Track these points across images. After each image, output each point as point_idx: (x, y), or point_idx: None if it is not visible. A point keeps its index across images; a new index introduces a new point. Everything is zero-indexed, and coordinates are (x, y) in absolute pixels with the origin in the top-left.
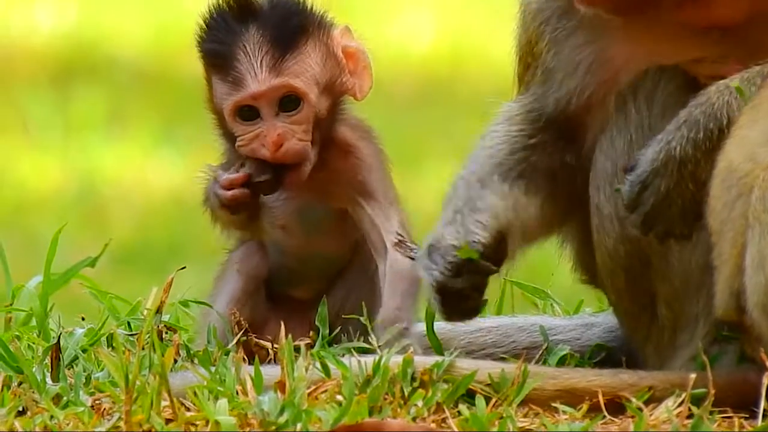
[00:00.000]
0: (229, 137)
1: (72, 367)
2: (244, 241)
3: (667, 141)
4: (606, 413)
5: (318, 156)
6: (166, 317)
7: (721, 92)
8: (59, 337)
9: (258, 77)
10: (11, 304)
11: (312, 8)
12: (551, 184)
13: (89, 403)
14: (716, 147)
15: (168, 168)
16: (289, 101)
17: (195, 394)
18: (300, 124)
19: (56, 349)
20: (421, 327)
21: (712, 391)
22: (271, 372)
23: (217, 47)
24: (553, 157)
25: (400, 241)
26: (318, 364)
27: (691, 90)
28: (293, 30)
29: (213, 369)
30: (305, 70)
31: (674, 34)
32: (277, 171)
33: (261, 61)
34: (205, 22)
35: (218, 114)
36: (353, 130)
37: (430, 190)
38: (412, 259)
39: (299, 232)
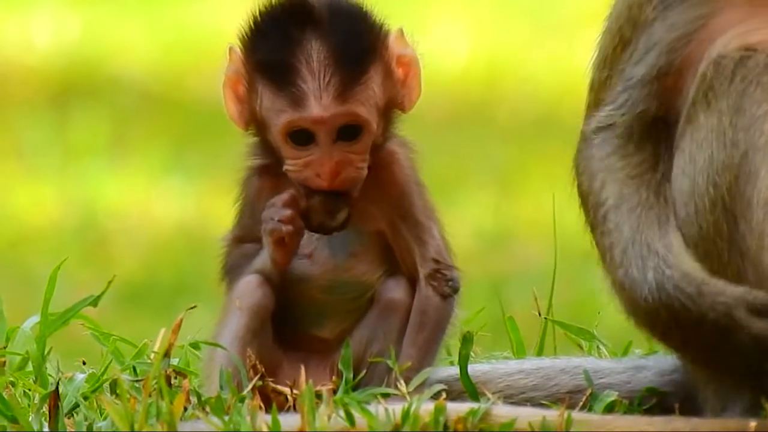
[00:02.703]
0: (267, 144)
1: (72, 415)
2: (243, 275)
3: None
4: None
5: None
6: (174, 361)
7: None
8: (58, 383)
9: (322, 101)
10: (5, 347)
11: (374, 17)
12: None
13: None
14: None
15: (176, 198)
16: (348, 129)
17: None
18: (359, 154)
19: (55, 397)
20: (454, 371)
21: None
22: (290, 420)
23: (275, 57)
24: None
25: (435, 271)
26: (341, 412)
27: None
28: (362, 50)
29: (226, 417)
30: (369, 97)
31: None
32: (330, 200)
33: (328, 83)
34: (255, 25)
35: (261, 124)
36: (390, 140)
37: (466, 222)
38: (444, 296)
39: (327, 260)
